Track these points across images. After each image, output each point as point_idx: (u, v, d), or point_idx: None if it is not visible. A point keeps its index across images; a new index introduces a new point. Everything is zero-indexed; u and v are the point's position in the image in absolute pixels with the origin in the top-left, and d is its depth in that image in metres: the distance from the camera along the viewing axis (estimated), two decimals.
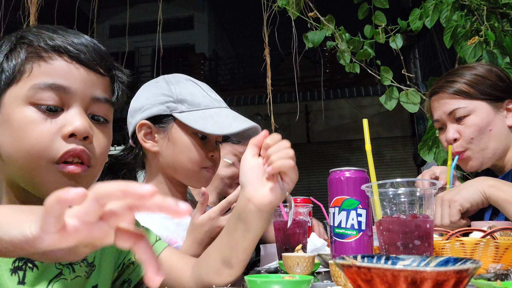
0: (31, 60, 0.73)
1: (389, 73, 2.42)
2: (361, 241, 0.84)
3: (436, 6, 2.30)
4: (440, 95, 1.40)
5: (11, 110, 0.72)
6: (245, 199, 0.83)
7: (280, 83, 7.77)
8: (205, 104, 1.18)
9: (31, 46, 0.74)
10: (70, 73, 0.74)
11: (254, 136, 0.87)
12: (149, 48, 10.18)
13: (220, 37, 13.53)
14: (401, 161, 8.64)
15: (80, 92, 0.75)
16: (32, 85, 0.71)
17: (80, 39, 0.77)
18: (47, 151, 0.71)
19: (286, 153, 0.81)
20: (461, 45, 2.15)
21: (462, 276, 0.46)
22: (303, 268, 0.93)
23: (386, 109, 2.43)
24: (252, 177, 0.83)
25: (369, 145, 0.84)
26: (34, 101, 0.71)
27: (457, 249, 0.84)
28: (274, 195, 0.82)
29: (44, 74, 0.72)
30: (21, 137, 0.70)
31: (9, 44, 0.75)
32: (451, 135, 1.36)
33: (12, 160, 0.72)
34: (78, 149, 0.73)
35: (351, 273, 0.50)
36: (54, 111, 0.72)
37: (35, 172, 0.71)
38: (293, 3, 2.46)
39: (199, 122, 1.12)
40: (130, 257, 0.91)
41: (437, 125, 1.44)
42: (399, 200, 0.75)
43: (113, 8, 10.19)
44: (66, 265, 0.79)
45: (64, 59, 0.74)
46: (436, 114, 1.42)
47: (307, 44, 2.51)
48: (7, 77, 0.73)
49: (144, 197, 0.39)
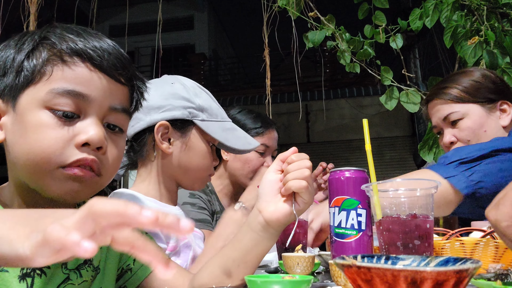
0: (52, 63, 0.71)
1: (389, 73, 2.42)
2: (361, 241, 0.84)
3: (436, 6, 2.30)
4: (434, 102, 1.45)
5: (26, 111, 0.71)
6: (257, 210, 0.84)
7: (280, 83, 7.78)
8: (222, 116, 1.24)
9: (54, 48, 0.72)
10: (91, 81, 0.72)
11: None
12: (149, 48, 10.17)
13: (220, 37, 13.53)
14: (401, 161, 8.64)
15: (99, 100, 0.73)
16: (50, 89, 0.70)
17: (104, 44, 0.75)
18: (57, 157, 0.70)
19: (301, 172, 0.79)
20: (461, 45, 2.15)
21: (462, 276, 0.46)
22: (303, 268, 0.93)
23: (386, 109, 2.43)
24: (268, 191, 0.83)
25: (369, 145, 0.84)
26: (50, 105, 0.70)
27: (457, 249, 0.84)
28: (283, 213, 0.81)
29: (64, 79, 0.71)
30: (33, 140, 0.70)
31: (31, 43, 0.73)
32: (447, 139, 1.41)
33: (20, 160, 0.71)
34: (89, 159, 0.72)
35: (351, 273, 0.50)
36: (70, 117, 0.71)
37: (41, 174, 0.70)
38: (293, 3, 2.46)
39: (220, 134, 1.20)
40: (129, 263, 0.90)
41: (435, 131, 1.49)
42: (399, 200, 0.75)
43: (113, 8, 10.19)
44: (73, 270, 0.78)
45: (87, 66, 0.72)
46: (433, 120, 1.47)
47: (307, 44, 2.51)
48: (26, 77, 0.71)
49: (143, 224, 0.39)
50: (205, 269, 0.88)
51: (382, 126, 8.49)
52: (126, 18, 3.26)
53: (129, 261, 0.91)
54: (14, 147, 0.71)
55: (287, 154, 0.84)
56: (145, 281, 0.90)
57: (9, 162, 0.75)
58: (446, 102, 1.41)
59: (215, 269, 0.86)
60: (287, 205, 0.81)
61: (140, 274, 0.90)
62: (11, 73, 0.72)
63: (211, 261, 0.89)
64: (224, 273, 0.85)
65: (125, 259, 0.91)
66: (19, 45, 0.73)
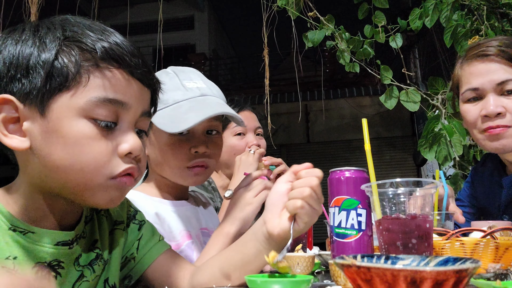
0: (87, 68, 0.68)
1: (389, 72, 2.43)
2: (361, 241, 0.84)
3: (436, 5, 2.31)
4: (491, 60, 1.18)
5: (64, 120, 0.67)
6: (262, 220, 0.83)
7: (280, 83, 7.78)
8: (174, 98, 1.08)
9: (84, 49, 0.68)
10: (128, 87, 0.71)
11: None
12: (150, 48, 10.16)
13: (220, 37, 13.53)
14: (401, 161, 8.63)
15: (134, 107, 0.72)
16: (89, 98, 0.67)
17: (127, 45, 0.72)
18: (105, 169, 0.69)
19: (300, 192, 0.77)
20: (461, 44, 2.16)
21: (461, 275, 0.46)
22: (303, 268, 0.93)
23: (386, 109, 2.43)
24: (275, 202, 0.82)
25: (369, 145, 0.84)
26: (92, 115, 0.68)
27: (457, 249, 0.84)
28: (284, 230, 0.79)
29: (103, 87, 0.68)
30: (77, 152, 0.67)
31: (56, 41, 0.68)
32: (493, 109, 1.16)
33: (61, 171, 0.68)
34: (135, 168, 0.72)
35: (351, 273, 0.50)
36: (111, 127, 0.70)
37: (89, 185, 0.69)
38: (292, 3, 2.46)
39: (162, 120, 1.05)
40: (132, 252, 0.91)
41: (470, 95, 1.22)
42: (399, 200, 0.76)
43: (113, 8, 10.19)
44: (86, 265, 0.79)
45: (123, 73, 0.70)
46: (477, 81, 1.20)
47: (307, 44, 2.51)
48: (58, 82, 0.67)
49: None
50: (206, 269, 0.88)
51: (382, 126, 8.49)
52: (128, 18, 3.26)
53: (133, 249, 0.91)
54: (47, 157, 0.68)
55: (299, 168, 0.82)
56: (148, 270, 0.91)
57: (27, 166, 0.72)
58: (508, 65, 1.16)
59: (215, 270, 0.86)
60: (288, 222, 0.79)
61: (144, 263, 0.91)
62: (38, 75, 0.67)
63: (213, 260, 0.90)
64: (223, 276, 0.85)
65: (129, 248, 0.91)
66: (38, 42, 0.68)
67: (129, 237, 0.91)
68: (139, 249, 0.91)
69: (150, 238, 0.93)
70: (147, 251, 0.91)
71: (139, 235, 0.92)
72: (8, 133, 0.68)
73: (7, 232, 0.69)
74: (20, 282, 0.42)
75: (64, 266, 0.75)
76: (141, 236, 0.92)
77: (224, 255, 0.89)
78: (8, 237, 0.69)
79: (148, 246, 0.92)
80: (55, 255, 0.73)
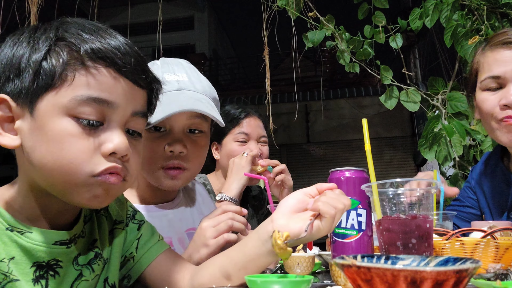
0: (74, 67, 0.68)
1: (389, 72, 2.43)
2: (361, 241, 0.84)
3: (436, 5, 2.31)
4: None
5: (47, 118, 0.68)
6: (270, 218, 0.82)
7: (280, 83, 7.77)
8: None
9: (72, 49, 0.69)
10: (115, 87, 0.70)
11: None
12: (149, 48, 10.16)
13: (220, 37, 13.53)
14: (401, 161, 8.64)
15: (122, 107, 0.71)
16: (73, 97, 0.67)
17: (122, 45, 0.72)
18: (86, 167, 0.68)
19: (335, 202, 0.75)
20: (462, 44, 2.15)
21: (461, 276, 0.46)
22: (303, 268, 0.93)
23: (386, 109, 2.43)
24: (289, 205, 0.80)
25: (369, 145, 0.84)
26: (75, 114, 0.67)
27: (457, 249, 0.84)
28: (290, 231, 0.77)
29: (87, 85, 0.68)
30: (58, 149, 0.67)
31: (47, 42, 0.69)
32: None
33: (45, 169, 0.68)
34: (118, 167, 0.71)
35: (351, 273, 0.50)
36: (95, 126, 0.69)
37: (71, 183, 0.69)
38: (292, 3, 2.46)
39: None
40: (131, 251, 0.91)
41: (490, 83, 1.17)
42: (399, 200, 0.76)
43: (113, 8, 10.19)
44: (85, 265, 0.79)
45: (110, 71, 0.70)
46: (499, 68, 1.15)
47: (307, 44, 2.51)
48: (45, 81, 0.67)
49: None
50: (206, 269, 0.88)
51: (382, 126, 8.49)
52: (128, 18, 3.27)
53: (132, 249, 0.91)
54: (34, 154, 0.69)
55: (325, 187, 0.80)
56: (147, 269, 0.90)
57: (23, 165, 0.73)
58: None
59: (215, 270, 0.86)
60: (298, 225, 0.76)
61: (143, 263, 0.90)
62: (28, 74, 0.68)
63: (214, 259, 0.90)
64: (223, 276, 0.85)
65: (128, 247, 0.91)
66: (32, 43, 0.69)
67: (128, 237, 0.91)
68: (138, 249, 0.91)
69: (150, 238, 0.93)
70: (146, 251, 0.91)
71: (138, 234, 0.92)
72: (2, 131, 0.70)
73: (5, 232, 0.70)
74: None
75: (63, 265, 0.75)
76: (140, 236, 0.92)
77: (225, 254, 0.88)
78: (6, 238, 0.70)
79: (147, 245, 0.92)
80: (53, 255, 0.73)
